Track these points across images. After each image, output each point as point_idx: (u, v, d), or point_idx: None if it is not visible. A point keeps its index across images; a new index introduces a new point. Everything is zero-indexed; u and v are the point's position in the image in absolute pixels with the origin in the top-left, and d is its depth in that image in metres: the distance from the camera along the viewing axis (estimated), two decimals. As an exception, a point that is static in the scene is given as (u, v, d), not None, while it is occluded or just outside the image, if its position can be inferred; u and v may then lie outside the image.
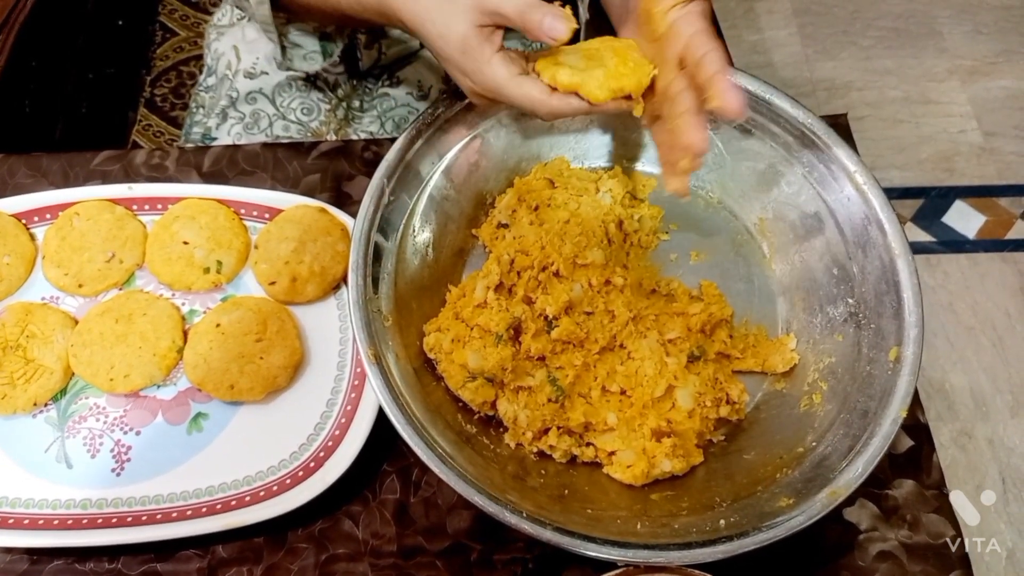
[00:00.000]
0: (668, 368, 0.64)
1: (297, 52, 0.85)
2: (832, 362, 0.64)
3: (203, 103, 1.00)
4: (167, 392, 0.67)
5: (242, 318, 0.67)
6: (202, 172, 0.78)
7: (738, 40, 1.87)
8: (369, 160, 0.78)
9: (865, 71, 1.84)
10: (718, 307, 0.67)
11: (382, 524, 0.63)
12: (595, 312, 0.66)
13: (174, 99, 1.17)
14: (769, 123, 0.68)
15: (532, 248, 0.66)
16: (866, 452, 0.56)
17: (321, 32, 0.85)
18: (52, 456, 0.64)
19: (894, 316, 0.61)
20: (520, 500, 0.55)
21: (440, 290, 0.68)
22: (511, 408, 0.62)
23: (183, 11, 1.24)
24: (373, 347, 0.58)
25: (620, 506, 0.60)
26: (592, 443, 0.63)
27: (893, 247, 0.62)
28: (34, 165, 0.78)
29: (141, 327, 0.67)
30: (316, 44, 0.85)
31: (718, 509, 0.57)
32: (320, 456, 0.63)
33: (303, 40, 0.84)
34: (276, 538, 0.63)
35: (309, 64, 0.86)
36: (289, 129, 0.95)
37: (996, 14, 1.91)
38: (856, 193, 0.65)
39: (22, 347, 0.66)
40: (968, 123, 1.77)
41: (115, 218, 0.72)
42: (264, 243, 0.70)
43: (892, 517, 0.64)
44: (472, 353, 0.62)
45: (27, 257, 0.71)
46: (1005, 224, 1.66)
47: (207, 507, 0.62)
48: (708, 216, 0.74)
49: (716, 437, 0.64)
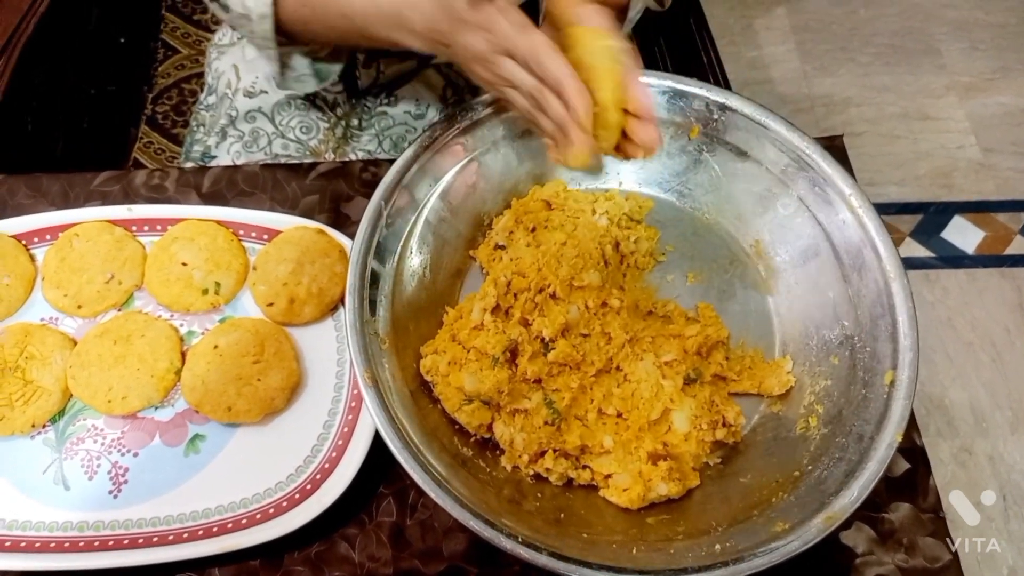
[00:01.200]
0: (664, 390, 0.64)
1: (291, 74, 0.85)
2: (828, 385, 0.64)
3: (203, 121, 1.01)
4: (165, 414, 0.67)
5: (240, 339, 0.67)
6: (201, 193, 0.79)
7: (737, 56, 1.88)
8: (367, 181, 0.79)
9: (863, 87, 1.85)
10: (714, 329, 0.68)
11: (378, 547, 0.63)
12: (591, 334, 0.66)
13: (175, 116, 1.18)
14: (765, 146, 0.69)
15: (529, 270, 0.66)
16: (862, 476, 0.56)
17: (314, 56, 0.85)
18: (50, 478, 0.64)
19: (889, 339, 0.61)
20: (516, 524, 0.55)
21: (437, 312, 0.68)
22: (507, 431, 0.62)
23: (185, 29, 1.25)
24: (369, 370, 0.58)
25: (616, 530, 0.60)
26: (588, 466, 0.63)
27: (888, 270, 0.63)
28: (34, 185, 0.79)
29: (139, 348, 0.67)
30: (308, 67, 0.85)
31: (714, 533, 0.57)
32: (317, 478, 0.63)
33: (297, 62, 0.85)
34: (272, 561, 0.63)
35: (303, 85, 0.86)
36: (288, 147, 0.96)
37: (992, 31, 1.92)
38: (851, 216, 0.65)
39: (21, 368, 0.67)
40: (966, 139, 1.77)
41: (114, 239, 0.72)
42: (262, 264, 0.71)
43: (888, 541, 0.64)
44: (468, 376, 0.62)
45: (26, 278, 0.71)
46: (1004, 239, 1.66)
47: (203, 530, 0.62)
48: (704, 238, 0.74)
49: (712, 460, 0.64)
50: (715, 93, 0.69)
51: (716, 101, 0.69)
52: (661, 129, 0.72)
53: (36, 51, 0.97)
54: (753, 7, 1.97)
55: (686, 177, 0.74)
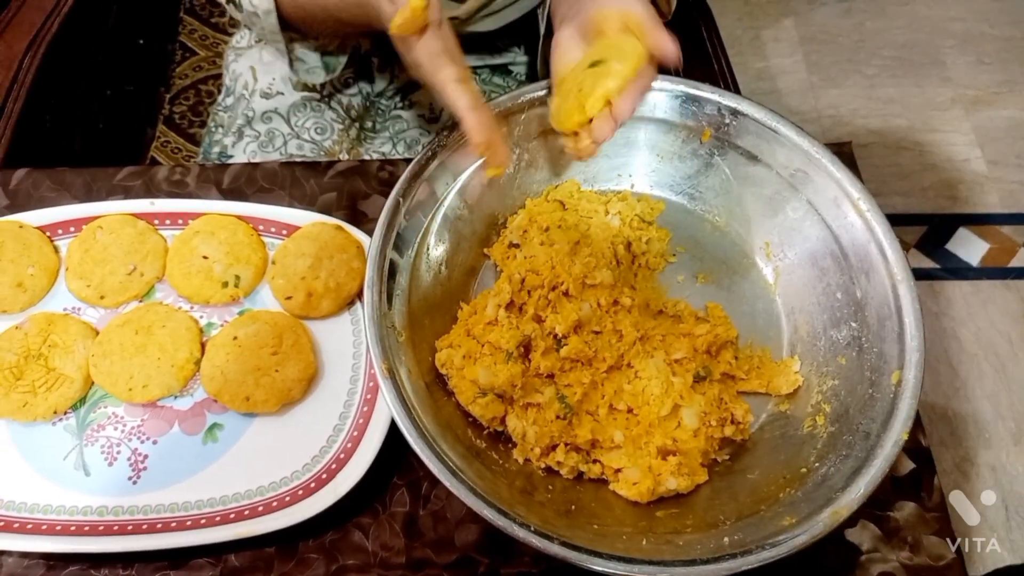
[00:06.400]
0: (674, 388, 0.65)
1: (302, 66, 0.89)
2: (835, 384, 0.65)
3: (221, 122, 1.02)
4: (184, 403, 0.68)
5: (258, 331, 0.69)
6: (222, 189, 0.80)
7: (744, 67, 1.90)
8: (384, 180, 0.80)
9: (869, 99, 1.86)
10: (724, 329, 0.69)
11: (391, 536, 0.64)
12: (603, 331, 0.67)
13: (192, 117, 1.19)
14: (775, 150, 0.70)
15: (542, 268, 0.68)
16: (868, 473, 0.57)
17: (323, 50, 0.89)
18: (70, 463, 0.66)
19: (896, 340, 0.62)
20: (527, 514, 0.56)
21: (452, 307, 0.70)
22: (520, 424, 0.63)
23: (203, 31, 1.27)
24: (387, 361, 0.60)
25: (625, 522, 0.61)
26: (599, 460, 0.64)
27: (895, 273, 0.64)
28: (58, 179, 0.80)
29: (160, 339, 0.69)
30: (318, 60, 0.89)
31: (722, 527, 0.58)
32: (332, 468, 0.64)
33: (306, 55, 0.89)
34: (287, 548, 0.64)
35: (313, 76, 0.90)
36: (303, 148, 0.97)
37: (999, 44, 1.94)
38: (859, 219, 0.67)
39: (44, 356, 0.68)
40: (972, 152, 1.79)
41: (137, 232, 0.73)
42: (281, 259, 0.72)
43: (893, 539, 0.65)
44: (483, 369, 0.63)
45: (50, 269, 0.73)
46: (1008, 251, 1.67)
47: (220, 516, 0.63)
48: (715, 240, 0.75)
49: (720, 456, 0.66)
50: (727, 98, 0.71)
51: (728, 106, 0.71)
52: (674, 134, 0.74)
53: (59, 50, 0.99)
54: (761, 18, 1.99)
55: (697, 180, 0.76)
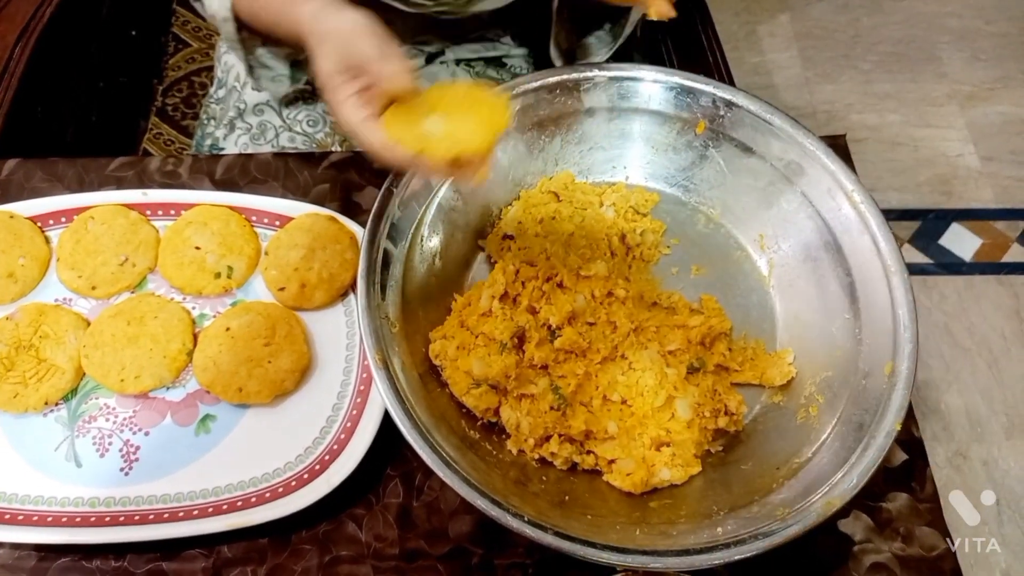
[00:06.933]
0: (668, 379, 0.65)
1: (266, 73, 0.85)
2: (828, 376, 0.65)
3: (213, 114, 1.02)
4: (176, 394, 0.68)
5: (251, 322, 0.68)
6: (214, 180, 0.80)
7: (740, 62, 1.89)
8: (378, 171, 0.80)
9: (865, 94, 1.86)
10: (718, 320, 0.69)
11: (385, 527, 0.64)
12: (597, 323, 0.67)
13: (185, 108, 1.19)
14: (770, 142, 0.70)
15: (537, 259, 0.68)
16: (861, 464, 0.57)
17: (293, 59, 0.86)
18: (62, 455, 0.65)
19: (890, 331, 0.62)
20: (521, 505, 0.56)
21: (446, 299, 0.69)
22: (514, 415, 0.63)
23: (196, 23, 1.26)
24: (380, 352, 0.60)
25: (619, 513, 0.61)
26: (593, 451, 0.64)
27: (889, 264, 0.64)
28: (50, 170, 0.80)
29: (152, 329, 0.68)
30: (286, 68, 0.86)
31: (715, 518, 0.58)
32: (325, 459, 0.64)
33: (273, 63, 0.85)
34: (280, 539, 0.64)
35: (276, 86, 0.87)
36: (295, 140, 0.97)
37: (994, 41, 1.94)
38: (853, 212, 0.67)
39: (35, 347, 0.68)
40: (966, 147, 1.79)
41: (129, 223, 0.73)
42: (274, 250, 0.72)
43: (886, 529, 0.65)
44: (477, 360, 0.63)
45: (42, 259, 0.72)
46: (1001, 247, 1.68)
47: (213, 507, 0.63)
48: (709, 231, 0.75)
49: (714, 448, 0.66)
50: (722, 90, 0.71)
51: (723, 98, 0.71)
52: (668, 125, 0.73)
53: (50, 41, 0.99)
54: (757, 13, 1.98)
55: (692, 172, 0.75)
